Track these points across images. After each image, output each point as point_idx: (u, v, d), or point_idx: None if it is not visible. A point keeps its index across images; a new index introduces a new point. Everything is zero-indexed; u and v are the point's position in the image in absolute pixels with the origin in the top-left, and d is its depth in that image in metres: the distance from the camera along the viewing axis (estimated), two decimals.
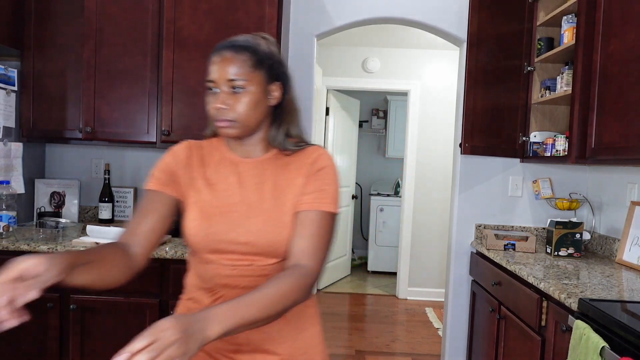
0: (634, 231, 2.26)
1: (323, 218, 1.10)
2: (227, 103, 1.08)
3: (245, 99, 1.08)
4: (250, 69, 1.08)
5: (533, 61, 2.63)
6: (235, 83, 1.07)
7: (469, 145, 2.60)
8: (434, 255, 4.85)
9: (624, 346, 1.32)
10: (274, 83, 1.14)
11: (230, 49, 1.09)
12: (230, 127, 1.09)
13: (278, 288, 0.96)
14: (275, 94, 1.14)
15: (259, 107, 1.11)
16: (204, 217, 1.13)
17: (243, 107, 1.08)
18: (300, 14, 2.85)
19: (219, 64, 1.08)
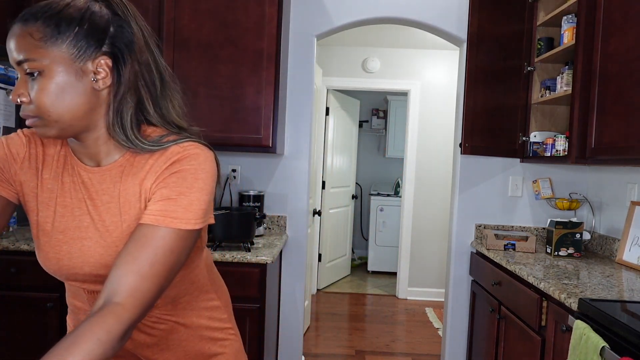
0: (634, 231, 2.26)
1: (164, 237, 0.81)
2: (21, 93, 0.80)
3: (43, 84, 0.79)
4: (42, 43, 0.79)
5: (533, 61, 2.63)
6: (24, 65, 0.79)
7: (469, 145, 2.60)
8: (434, 255, 4.85)
9: (624, 346, 1.32)
10: (97, 58, 0.82)
11: (19, 20, 0.83)
12: (39, 126, 0.82)
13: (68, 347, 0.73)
14: (100, 75, 0.83)
15: (71, 95, 0.81)
16: (50, 247, 0.88)
17: (43, 97, 0.79)
18: (300, 14, 2.85)
19: (9, 43, 0.82)
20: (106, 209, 0.88)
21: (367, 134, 6.51)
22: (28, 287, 2.21)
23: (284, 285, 2.88)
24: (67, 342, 0.72)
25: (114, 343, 0.73)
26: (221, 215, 2.22)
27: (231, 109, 2.43)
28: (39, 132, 0.83)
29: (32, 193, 0.90)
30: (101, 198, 0.89)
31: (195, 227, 0.83)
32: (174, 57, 2.42)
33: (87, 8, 0.82)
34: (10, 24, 0.84)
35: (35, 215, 0.90)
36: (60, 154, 0.92)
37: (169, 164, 0.86)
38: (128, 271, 0.77)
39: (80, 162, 0.90)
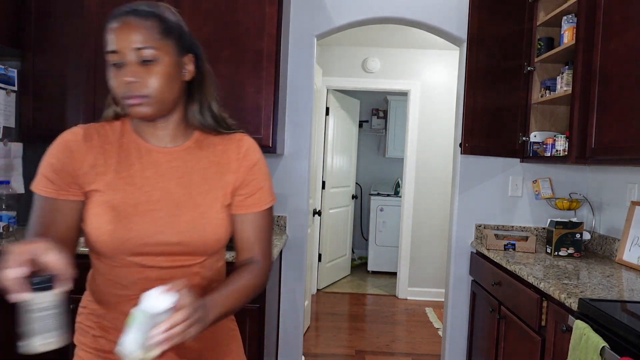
0: (634, 231, 2.26)
1: (264, 216, 1.10)
2: (137, 76, 0.93)
3: (157, 70, 0.95)
4: (160, 37, 0.95)
5: (533, 61, 2.63)
6: (144, 52, 0.93)
7: (469, 145, 2.60)
8: (434, 255, 4.85)
9: (624, 346, 1.32)
10: (186, 55, 1.02)
11: (133, 14, 0.95)
12: (143, 105, 0.95)
13: (247, 281, 1.03)
14: (188, 68, 1.02)
15: (173, 81, 0.98)
16: (120, 219, 0.96)
17: (156, 80, 0.94)
18: (300, 13, 2.85)
19: (122, 31, 0.94)
20: (176, 184, 1.02)
21: (367, 134, 6.51)
22: None
23: (284, 285, 2.88)
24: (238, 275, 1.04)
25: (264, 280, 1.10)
26: None
27: (231, 109, 2.41)
28: (140, 111, 0.96)
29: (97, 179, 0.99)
30: (172, 174, 1.02)
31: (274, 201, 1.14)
32: None
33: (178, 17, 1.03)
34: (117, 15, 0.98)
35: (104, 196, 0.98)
36: (122, 141, 1.03)
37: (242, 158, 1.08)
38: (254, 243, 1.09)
39: (149, 144, 1.04)
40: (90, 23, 2.43)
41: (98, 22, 2.44)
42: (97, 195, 0.98)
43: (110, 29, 0.95)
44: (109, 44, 0.95)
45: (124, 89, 0.94)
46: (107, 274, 1.03)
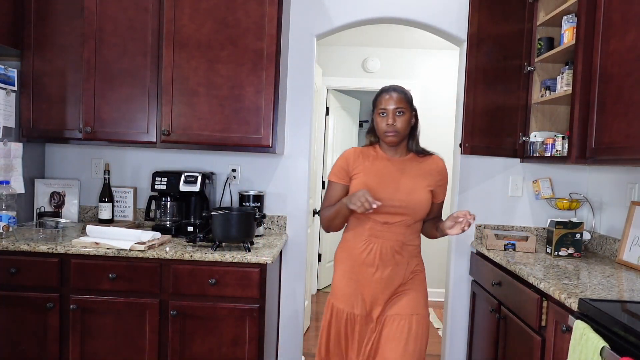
0: (634, 231, 2.26)
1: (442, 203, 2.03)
2: (395, 121, 1.82)
3: (403, 119, 1.84)
4: (406, 103, 1.84)
5: (533, 61, 2.63)
6: (398, 109, 1.83)
7: (469, 145, 2.60)
8: (434, 255, 4.85)
9: (624, 346, 1.32)
10: (413, 112, 1.89)
11: (395, 90, 1.85)
12: (394, 136, 1.84)
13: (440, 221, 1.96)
14: (413, 120, 1.90)
15: (408, 126, 1.86)
16: (368, 188, 1.81)
17: (403, 124, 1.84)
18: (300, 13, 2.84)
19: (389, 99, 1.83)
20: (399, 175, 1.89)
21: None
22: (28, 287, 2.21)
23: (284, 285, 2.88)
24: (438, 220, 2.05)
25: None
26: (221, 215, 2.22)
27: (231, 109, 2.43)
28: (392, 140, 1.85)
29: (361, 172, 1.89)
30: (397, 170, 1.89)
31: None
32: (174, 57, 2.42)
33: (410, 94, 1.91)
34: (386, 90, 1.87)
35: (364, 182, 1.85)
36: (375, 155, 1.93)
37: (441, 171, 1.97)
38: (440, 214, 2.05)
39: (388, 156, 1.92)
40: (90, 23, 2.43)
41: (98, 22, 2.44)
42: (359, 177, 1.88)
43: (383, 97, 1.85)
44: (380, 104, 1.85)
45: (386, 128, 1.83)
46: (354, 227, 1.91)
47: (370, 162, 1.90)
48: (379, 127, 1.85)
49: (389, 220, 1.83)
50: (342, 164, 1.91)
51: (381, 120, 1.84)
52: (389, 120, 1.81)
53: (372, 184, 1.83)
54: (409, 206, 1.82)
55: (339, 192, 1.91)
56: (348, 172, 1.90)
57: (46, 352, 2.24)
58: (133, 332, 2.22)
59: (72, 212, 2.77)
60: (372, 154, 1.92)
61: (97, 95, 2.46)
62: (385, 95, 1.84)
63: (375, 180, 1.85)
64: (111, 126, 2.48)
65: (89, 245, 2.20)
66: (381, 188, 1.83)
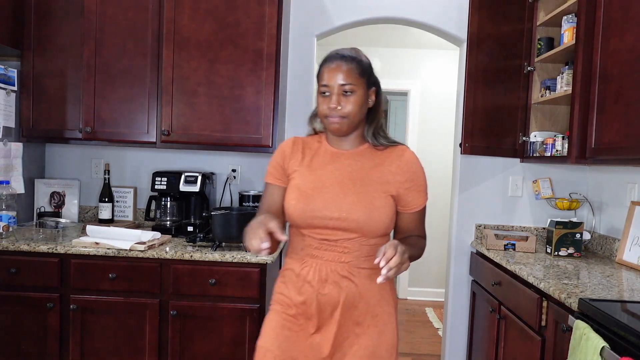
0: (634, 231, 2.26)
1: (422, 210, 1.47)
2: (340, 104, 1.33)
3: (353, 100, 1.34)
4: (357, 76, 1.34)
5: (533, 61, 2.63)
6: (345, 87, 1.33)
7: (469, 145, 2.60)
8: (434, 255, 4.85)
9: (624, 346, 1.32)
10: (371, 89, 1.40)
11: (341, 59, 1.35)
12: (340, 123, 1.35)
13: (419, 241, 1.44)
14: (372, 98, 1.41)
15: (362, 108, 1.37)
16: (302, 196, 1.36)
17: (352, 107, 1.34)
18: (300, 14, 2.84)
19: (333, 72, 1.34)
20: (350, 176, 1.38)
21: None
22: (28, 287, 2.21)
23: None
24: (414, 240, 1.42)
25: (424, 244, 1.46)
26: (221, 215, 2.22)
27: (231, 109, 2.43)
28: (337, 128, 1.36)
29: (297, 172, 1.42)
30: (345, 169, 1.40)
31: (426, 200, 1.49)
32: (174, 57, 2.42)
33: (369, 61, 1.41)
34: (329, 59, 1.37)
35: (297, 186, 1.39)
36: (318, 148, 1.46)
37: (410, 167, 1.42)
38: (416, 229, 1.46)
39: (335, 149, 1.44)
40: (90, 23, 2.43)
41: (98, 22, 2.44)
42: (293, 180, 1.41)
43: (325, 68, 1.35)
44: (322, 78, 1.35)
45: (328, 111, 1.35)
46: (291, 242, 1.45)
47: (310, 157, 1.43)
48: (319, 109, 1.38)
49: (329, 236, 1.34)
50: (278, 160, 1.45)
51: (322, 101, 1.35)
52: (332, 102, 1.32)
53: (307, 189, 1.36)
54: (357, 219, 1.31)
55: (276, 197, 1.43)
56: (285, 170, 1.43)
57: (46, 352, 2.24)
58: (133, 332, 2.22)
59: (72, 212, 2.77)
60: (315, 146, 1.46)
61: (97, 95, 2.46)
62: (330, 66, 1.34)
63: (312, 183, 1.37)
64: (111, 126, 2.48)
65: (89, 245, 2.20)
66: (318, 194, 1.35)
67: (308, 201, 1.35)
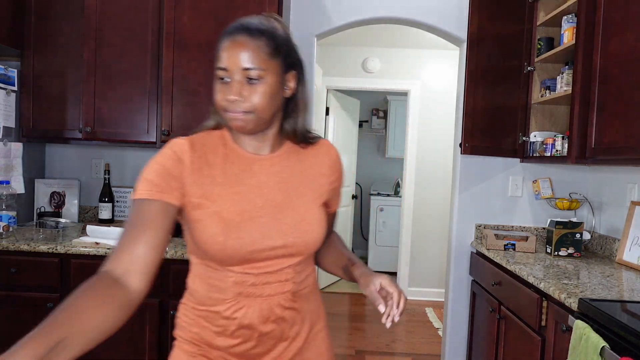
0: (634, 231, 2.26)
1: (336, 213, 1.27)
2: (242, 94, 0.97)
3: (261, 89, 0.98)
4: (268, 57, 0.98)
5: (533, 61, 2.63)
6: (250, 73, 0.96)
7: (469, 145, 2.60)
8: (434, 255, 4.85)
9: (624, 346, 1.32)
10: (290, 72, 1.04)
11: (245, 33, 0.98)
12: (243, 120, 0.98)
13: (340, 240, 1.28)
14: (290, 84, 1.04)
15: (275, 99, 1.01)
16: (230, 228, 0.99)
17: (259, 99, 0.97)
18: (300, 14, 2.85)
19: (233, 50, 0.97)
20: (277, 190, 1.06)
21: (367, 134, 6.51)
22: (28, 287, 2.21)
23: None
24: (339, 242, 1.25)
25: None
26: None
27: None
28: (240, 126, 0.99)
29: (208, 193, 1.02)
30: (272, 180, 1.07)
31: None
32: (174, 57, 2.42)
33: (287, 34, 1.05)
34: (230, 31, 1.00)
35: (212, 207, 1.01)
36: (225, 151, 1.06)
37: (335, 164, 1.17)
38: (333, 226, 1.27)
39: (249, 153, 1.07)
40: (90, 23, 2.43)
41: (98, 22, 2.44)
42: (206, 207, 1.01)
43: (223, 46, 0.99)
44: (219, 60, 0.99)
45: (226, 104, 0.99)
46: (206, 277, 1.06)
47: (221, 169, 1.04)
48: (216, 99, 1.01)
49: (270, 268, 1.04)
50: (169, 167, 1.00)
51: (220, 90, 1.00)
52: (232, 92, 0.97)
53: (234, 217, 1.00)
54: (305, 241, 1.06)
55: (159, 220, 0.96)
56: (181, 184, 1.00)
57: None
58: (133, 332, 2.22)
59: (72, 212, 2.77)
60: (221, 151, 1.06)
61: (97, 95, 2.46)
62: (230, 42, 0.98)
63: (237, 207, 1.01)
64: (111, 126, 2.48)
65: (89, 245, 2.20)
66: (250, 222, 1.01)
67: (241, 233, 0.99)
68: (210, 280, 1.05)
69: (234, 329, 1.04)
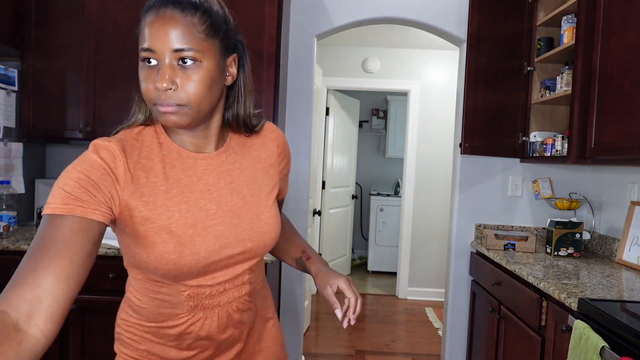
0: (633, 231, 2.26)
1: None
2: (173, 81, 0.81)
3: (197, 76, 0.82)
4: (204, 36, 0.82)
5: (533, 61, 2.63)
6: (183, 54, 0.80)
7: (469, 145, 2.60)
8: (434, 255, 4.85)
9: (624, 346, 1.32)
10: (231, 55, 0.89)
11: (175, 6, 0.81)
12: (177, 114, 0.82)
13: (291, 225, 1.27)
14: (231, 70, 0.90)
15: (214, 88, 0.85)
16: (183, 244, 0.86)
17: (195, 88, 0.82)
18: (300, 14, 2.85)
19: (160, 27, 0.80)
20: (228, 191, 0.94)
21: (367, 134, 6.51)
22: None
23: (284, 285, 2.88)
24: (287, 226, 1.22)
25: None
26: None
27: None
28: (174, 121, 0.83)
29: (144, 201, 0.85)
30: (222, 181, 0.94)
31: None
32: None
33: (223, 8, 0.88)
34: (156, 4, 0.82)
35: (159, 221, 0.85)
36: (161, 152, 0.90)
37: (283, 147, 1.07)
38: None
39: (190, 152, 0.92)
40: (90, 23, 2.43)
41: (98, 22, 2.44)
42: (151, 222, 0.85)
43: (147, 21, 0.82)
44: (143, 38, 0.83)
45: (155, 94, 0.82)
46: (154, 293, 0.92)
47: (160, 174, 0.88)
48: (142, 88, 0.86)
49: (228, 275, 0.95)
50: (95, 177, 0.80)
51: (146, 76, 0.85)
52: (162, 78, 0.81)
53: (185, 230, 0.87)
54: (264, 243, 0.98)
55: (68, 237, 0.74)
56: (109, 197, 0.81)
57: (46, 352, 2.23)
58: None
59: None
60: (157, 152, 0.89)
61: (97, 95, 2.46)
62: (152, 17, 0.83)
63: (189, 218, 0.88)
64: (111, 126, 2.45)
65: None
66: (205, 232, 0.89)
67: (195, 248, 0.87)
68: (159, 296, 0.92)
69: (190, 342, 0.94)
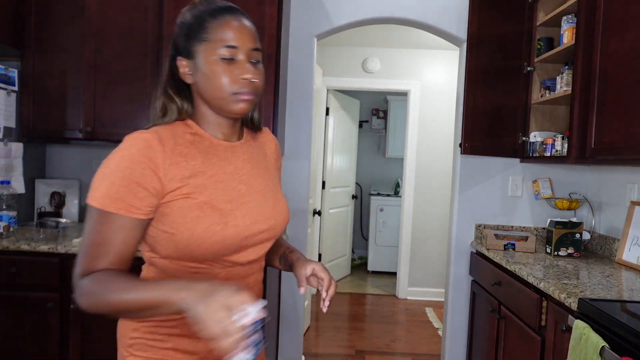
0: (633, 231, 2.26)
1: None
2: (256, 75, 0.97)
3: (263, 72, 1.01)
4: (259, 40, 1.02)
5: (533, 61, 2.63)
6: (257, 54, 0.99)
7: (469, 145, 2.60)
8: (434, 255, 4.85)
9: (624, 346, 1.32)
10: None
11: (244, 16, 1.00)
12: (252, 102, 0.99)
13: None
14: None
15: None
16: (225, 215, 0.96)
17: (263, 81, 1.01)
18: (300, 13, 2.85)
19: (242, 29, 0.97)
20: (256, 174, 1.08)
21: (367, 134, 6.51)
22: (28, 287, 2.21)
23: (284, 285, 2.88)
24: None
25: None
26: None
27: None
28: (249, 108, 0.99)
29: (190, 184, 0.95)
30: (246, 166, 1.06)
31: None
32: None
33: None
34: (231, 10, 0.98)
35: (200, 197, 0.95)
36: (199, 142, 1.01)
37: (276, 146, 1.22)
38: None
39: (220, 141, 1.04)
40: (90, 23, 2.43)
41: (98, 22, 2.44)
42: (193, 198, 0.94)
43: (229, 24, 0.96)
44: (226, 38, 0.95)
45: (239, 85, 0.96)
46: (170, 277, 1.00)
47: (196, 158, 0.98)
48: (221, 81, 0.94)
49: (254, 255, 1.04)
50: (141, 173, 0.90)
51: (226, 70, 0.94)
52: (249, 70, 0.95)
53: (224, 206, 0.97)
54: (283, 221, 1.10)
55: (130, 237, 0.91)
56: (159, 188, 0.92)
57: (46, 352, 2.24)
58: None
59: (73, 212, 2.77)
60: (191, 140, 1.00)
61: (97, 96, 2.46)
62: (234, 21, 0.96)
63: (226, 195, 0.98)
64: (111, 126, 2.48)
65: None
66: (239, 208, 0.99)
67: (237, 220, 0.97)
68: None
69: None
